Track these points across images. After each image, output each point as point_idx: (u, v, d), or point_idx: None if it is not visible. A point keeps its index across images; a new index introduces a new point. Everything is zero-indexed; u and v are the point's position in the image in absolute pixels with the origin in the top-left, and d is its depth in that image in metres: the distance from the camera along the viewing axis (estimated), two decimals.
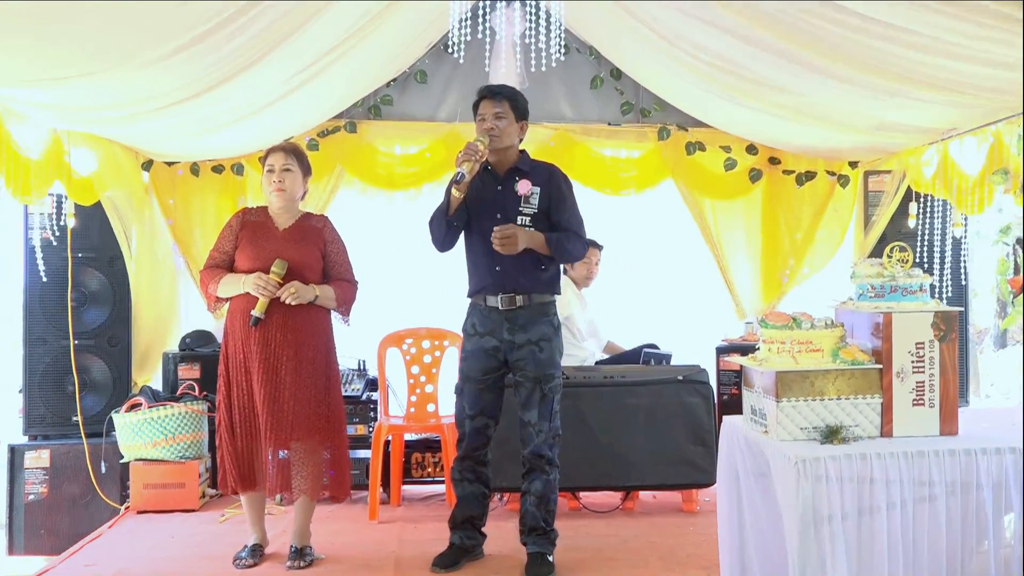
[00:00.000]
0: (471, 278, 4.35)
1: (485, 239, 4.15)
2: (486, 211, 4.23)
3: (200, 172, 6.16)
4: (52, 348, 5.55)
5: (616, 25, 5.54)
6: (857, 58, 4.21)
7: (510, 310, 4.21)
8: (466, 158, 4.06)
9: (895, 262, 3.31)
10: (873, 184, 6.21)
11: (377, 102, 6.29)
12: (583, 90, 6.40)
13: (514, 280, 4.21)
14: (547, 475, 4.27)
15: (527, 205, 4.22)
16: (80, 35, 3.63)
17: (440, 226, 4.23)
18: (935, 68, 4.06)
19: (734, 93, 5.38)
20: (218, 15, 3.86)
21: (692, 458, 5.25)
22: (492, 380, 4.31)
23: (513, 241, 4.08)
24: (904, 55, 3.99)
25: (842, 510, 2.93)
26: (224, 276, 4.30)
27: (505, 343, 4.24)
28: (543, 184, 4.26)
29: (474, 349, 4.30)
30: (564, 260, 4.36)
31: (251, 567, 4.38)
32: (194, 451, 5.43)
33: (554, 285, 4.34)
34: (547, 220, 4.26)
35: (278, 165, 4.35)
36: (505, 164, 4.30)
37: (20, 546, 5.38)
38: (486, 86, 4.37)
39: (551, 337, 4.27)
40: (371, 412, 5.80)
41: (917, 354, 3.17)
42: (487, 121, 4.21)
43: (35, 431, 5.56)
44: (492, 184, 4.27)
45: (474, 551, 4.47)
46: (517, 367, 4.25)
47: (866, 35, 3.88)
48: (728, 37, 4.58)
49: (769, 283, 6.51)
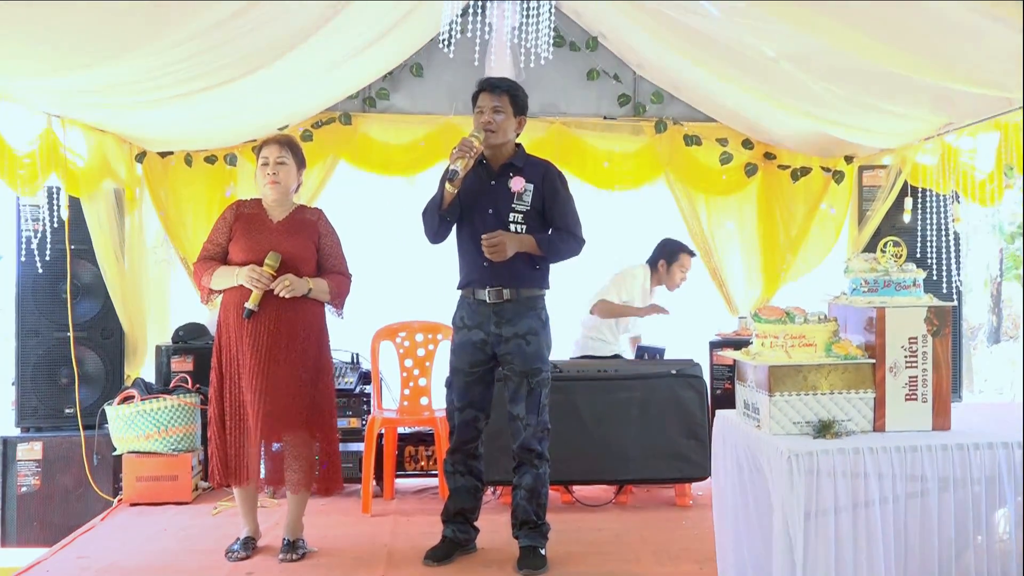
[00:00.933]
0: (461, 271, 4.35)
1: (476, 234, 4.15)
2: (478, 206, 4.22)
3: (193, 163, 6.16)
4: (45, 340, 5.53)
5: (620, 16, 5.54)
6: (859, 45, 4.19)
7: (497, 303, 4.21)
8: (460, 155, 4.05)
9: (889, 257, 3.31)
10: (868, 179, 6.20)
11: (372, 95, 6.27)
12: (579, 83, 6.38)
13: (503, 275, 4.20)
14: (537, 469, 4.27)
15: (520, 202, 4.21)
16: (80, 26, 3.62)
17: (433, 219, 4.22)
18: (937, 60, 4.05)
19: (736, 84, 5.38)
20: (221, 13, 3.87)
21: (685, 452, 5.26)
22: (480, 373, 4.31)
23: (502, 249, 4.09)
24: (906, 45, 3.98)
25: (835, 504, 2.93)
26: (217, 268, 4.30)
27: (492, 336, 4.24)
28: (537, 181, 4.25)
29: (462, 342, 4.31)
30: (557, 260, 4.33)
31: (243, 559, 4.38)
32: (187, 444, 5.43)
33: (543, 280, 4.33)
34: (541, 218, 4.25)
35: (272, 157, 4.34)
36: (500, 159, 4.28)
37: (13, 537, 5.38)
38: (486, 78, 4.35)
39: (539, 331, 4.26)
40: (364, 405, 5.80)
41: (910, 349, 3.16)
42: (485, 114, 4.20)
43: (28, 423, 5.55)
44: (486, 179, 4.26)
45: (467, 545, 4.47)
46: (505, 360, 4.25)
47: (862, 31, 3.87)
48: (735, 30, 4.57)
49: (764, 278, 6.51)
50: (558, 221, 4.27)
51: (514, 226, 4.19)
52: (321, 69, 5.29)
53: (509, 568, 4.25)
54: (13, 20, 3.34)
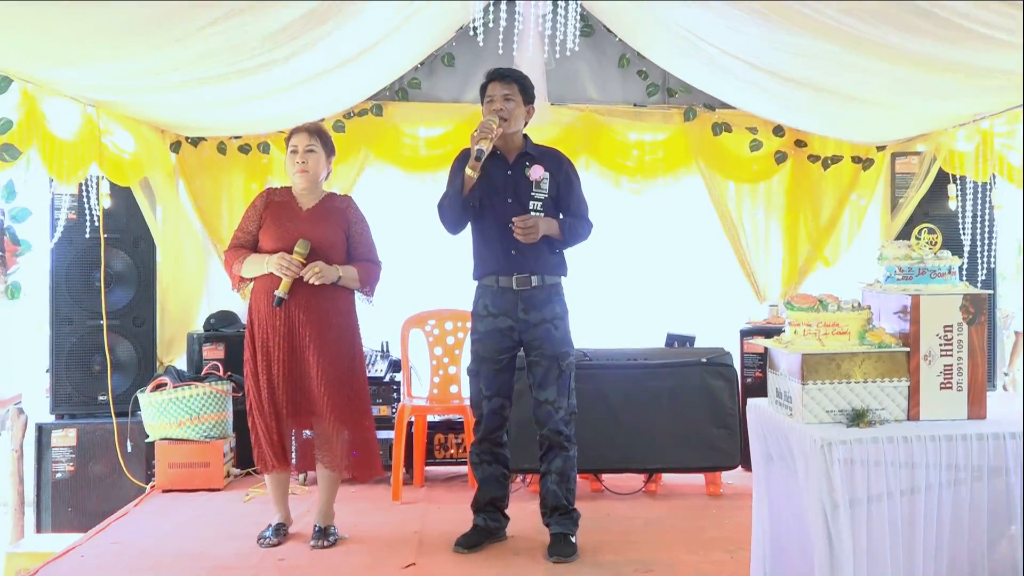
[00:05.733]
0: (481, 262, 4.37)
1: (498, 223, 4.21)
2: (497, 196, 4.27)
3: (227, 151, 6.18)
4: (78, 328, 5.59)
5: (640, 20, 5.51)
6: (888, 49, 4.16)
7: (524, 290, 4.25)
8: (482, 135, 4.09)
9: (924, 244, 3.28)
10: (901, 166, 6.13)
11: (405, 85, 6.28)
12: (609, 71, 6.35)
13: (529, 262, 4.25)
14: (567, 451, 4.29)
15: (539, 190, 4.27)
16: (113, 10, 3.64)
17: (455, 207, 4.24)
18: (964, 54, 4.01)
19: (758, 89, 5.35)
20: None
21: (715, 441, 5.24)
22: (507, 360, 4.34)
23: (535, 231, 4.15)
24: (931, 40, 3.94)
25: (868, 494, 2.90)
26: (248, 256, 4.32)
27: (520, 323, 4.26)
28: (553, 170, 4.32)
29: (489, 330, 4.32)
30: (573, 244, 4.39)
31: (275, 546, 4.40)
32: (219, 431, 5.47)
33: (563, 266, 4.38)
34: (556, 206, 4.32)
35: (301, 146, 4.36)
36: (512, 148, 4.33)
37: (48, 524, 5.44)
38: (495, 68, 4.40)
39: (563, 316, 4.32)
40: (394, 393, 5.82)
41: (945, 337, 3.13)
42: (496, 102, 4.25)
43: (62, 410, 5.61)
44: (502, 168, 4.30)
45: (497, 533, 4.48)
46: (532, 346, 4.27)
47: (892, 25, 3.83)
48: (753, 36, 4.54)
49: (793, 266, 6.45)
50: (573, 207, 4.35)
51: (534, 214, 4.24)
52: (353, 55, 5.26)
53: (539, 556, 4.25)
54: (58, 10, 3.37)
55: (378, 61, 5.58)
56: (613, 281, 6.30)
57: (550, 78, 5.88)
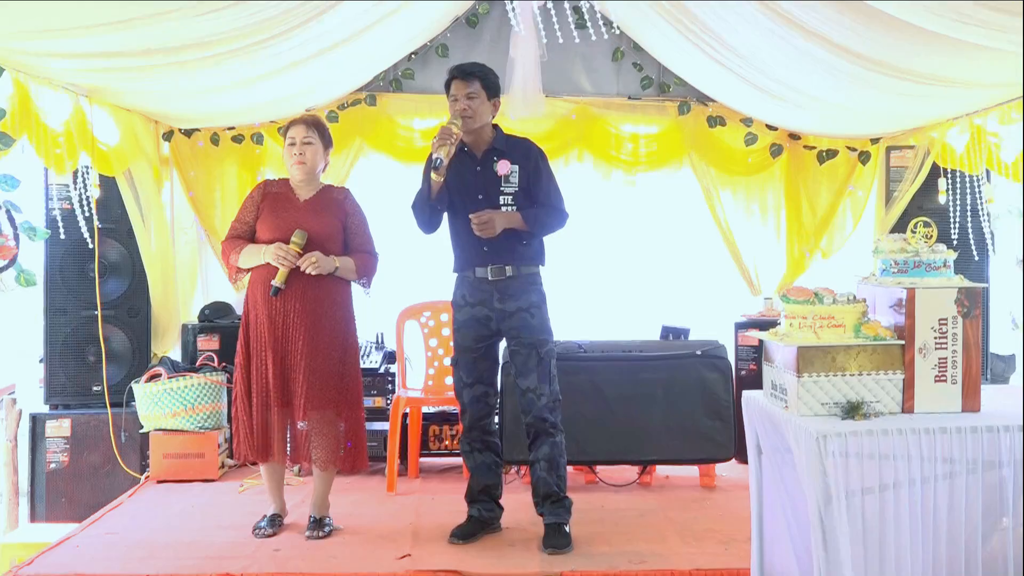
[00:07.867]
0: (458, 256, 4.40)
1: (469, 220, 4.21)
2: (468, 193, 4.29)
3: (220, 142, 6.17)
4: (72, 318, 5.58)
5: (639, 15, 5.52)
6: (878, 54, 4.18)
7: (499, 280, 4.27)
8: (442, 143, 4.11)
9: (919, 237, 3.28)
10: (895, 160, 6.15)
11: (398, 75, 6.27)
12: (603, 63, 6.35)
13: (502, 255, 4.27)
14: (553, 438, 4.31)
15: (508, 184, 4.28)
16: None
17: (424, 210, 4.29)
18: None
19: (757, 89, 5.36)
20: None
21: (709, 433, 5.25)
22: (485, 348, 4.38)
23: (491, 225, 4.15)
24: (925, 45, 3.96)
25: (862, 486, 2.91)
26: (245, 247, 4.33)
27: (496, 312, 4.29)
28: (521, 162, 4.31)
29: (466, 319, 4.36)
30: (544, 234, 4.39)
31: (270, 536, 4.41)
32: (213, 421, 5.47)
33: (539, 256, 4.39)
34: (528, 196, 4.32)
35: (299, 137, 4.36)
36: (481, 144, 4.34)
37: (42, 514, 5.44)
38: (456, 66, 4.39)
39: (540, 304, 4.34)
40: (389, 384, 5.82)
41: (940, 330, 3.14)
42: (460, 102, 4.24)
43: (56, 400, 5.60)
44: (471, 165, 4.32)
45: (492, 523, 4.49)
46: (511, 335, 4.31)
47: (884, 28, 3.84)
48: (755, 35, 4.56)
49: (788, 259, 6.46)
50: (542, 197, 4.34)
51: (504, 208, 4.26)
52: (342, 40, 5.23)
53: (534, 547, 4.27)
54: None
55: (368, 48, 5.55)
56: (608, 273, 6.31)
57: (544, 70, 5.88)
